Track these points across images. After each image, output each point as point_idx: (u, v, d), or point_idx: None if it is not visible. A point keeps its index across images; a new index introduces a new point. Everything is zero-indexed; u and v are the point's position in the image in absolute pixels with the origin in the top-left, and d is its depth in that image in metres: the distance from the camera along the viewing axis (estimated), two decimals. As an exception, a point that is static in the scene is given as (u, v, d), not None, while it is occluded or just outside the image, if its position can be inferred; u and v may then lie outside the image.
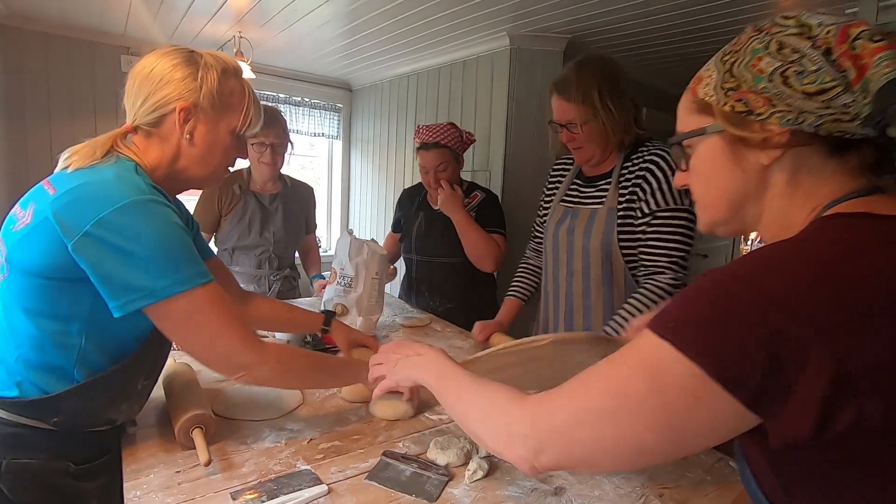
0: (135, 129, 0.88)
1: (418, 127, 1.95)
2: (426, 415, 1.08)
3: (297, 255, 2.28)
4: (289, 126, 4.38)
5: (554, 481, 0.85)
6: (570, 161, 1.51)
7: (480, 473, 0.85)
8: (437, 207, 2.01)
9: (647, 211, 1.28)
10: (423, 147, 1.91)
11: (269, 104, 2.55)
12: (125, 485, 0.78)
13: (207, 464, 0.81)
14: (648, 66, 3.02)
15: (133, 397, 0.89)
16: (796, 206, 0.53)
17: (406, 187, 2.27)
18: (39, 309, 0.78)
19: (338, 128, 4.33)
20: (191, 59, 0.87)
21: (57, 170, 0.83)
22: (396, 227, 2.20)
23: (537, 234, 1.63)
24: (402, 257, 2.20)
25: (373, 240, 1.56)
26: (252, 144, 1.91)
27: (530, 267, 1.67)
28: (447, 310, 1.97)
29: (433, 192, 1.97)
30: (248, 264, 2.05)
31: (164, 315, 0.78)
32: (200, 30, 2.96)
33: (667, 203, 1.26)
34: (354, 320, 1.48)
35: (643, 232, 1.29)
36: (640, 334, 0.51)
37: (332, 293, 1.50)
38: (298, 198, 2.16)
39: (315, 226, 2.32)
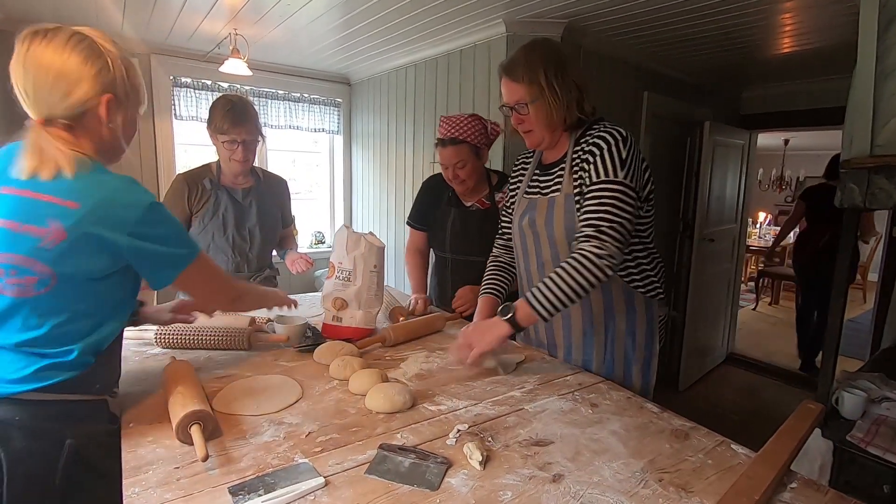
0: (46, 121, 0.91)
1: (441, 118, 1.87)
2: (425, 405, 1.07)
3: (274, 252, 2.15)
4: (289, 122, 4.34)
5: (552, 468, 0.85)
6: (531, 154, 1.50)
7: (478, 454, 0.85)
8: (469, 205, 1.95)
9: (584, 190, 1.27)
10: (440, 143, 1.85)
11: (240, 95, 2.36)
12: (124, 481, 0.79)
13: (205, 459, 0.81)
14: (646, 50, 2.98)
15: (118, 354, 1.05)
16: None
17: (424, 179, 2.17)
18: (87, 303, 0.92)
19: (338, 123, 4.33)
20: (94, 49, 0.91)
21: (23, 176, 0.86)
22: (418, 219, 2.10)
23: (505, 229, 1.61)
24: (433, 253, 2.12)
25: (370, 233, 1.56)
26: (223, 142, 1.83)
27: (500, 264, 1.63)
28: None
29: (456, 188, 1.91)
30: (223, 265, 1.93)
31: (191, 275, 0.97)
32: (196, 28, 2.96)
33: (598, 177, 1.23)
34: (354, 314, 1.48)
35: (580, 208, 1.27)
36: None
37: (330, 287, 1.50)
38: (272, 191, 2.05)
39: (292, 218, 2.20)
